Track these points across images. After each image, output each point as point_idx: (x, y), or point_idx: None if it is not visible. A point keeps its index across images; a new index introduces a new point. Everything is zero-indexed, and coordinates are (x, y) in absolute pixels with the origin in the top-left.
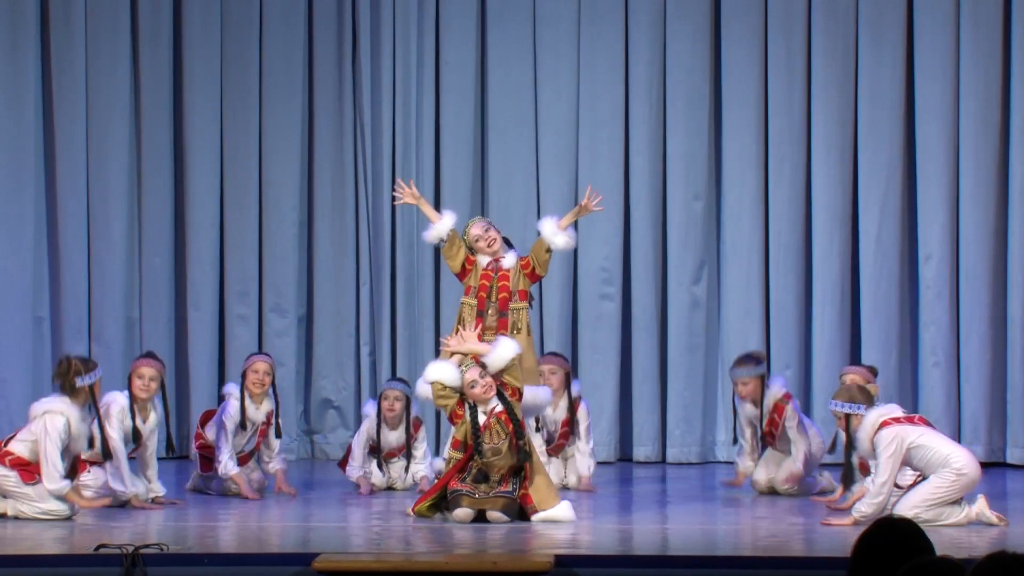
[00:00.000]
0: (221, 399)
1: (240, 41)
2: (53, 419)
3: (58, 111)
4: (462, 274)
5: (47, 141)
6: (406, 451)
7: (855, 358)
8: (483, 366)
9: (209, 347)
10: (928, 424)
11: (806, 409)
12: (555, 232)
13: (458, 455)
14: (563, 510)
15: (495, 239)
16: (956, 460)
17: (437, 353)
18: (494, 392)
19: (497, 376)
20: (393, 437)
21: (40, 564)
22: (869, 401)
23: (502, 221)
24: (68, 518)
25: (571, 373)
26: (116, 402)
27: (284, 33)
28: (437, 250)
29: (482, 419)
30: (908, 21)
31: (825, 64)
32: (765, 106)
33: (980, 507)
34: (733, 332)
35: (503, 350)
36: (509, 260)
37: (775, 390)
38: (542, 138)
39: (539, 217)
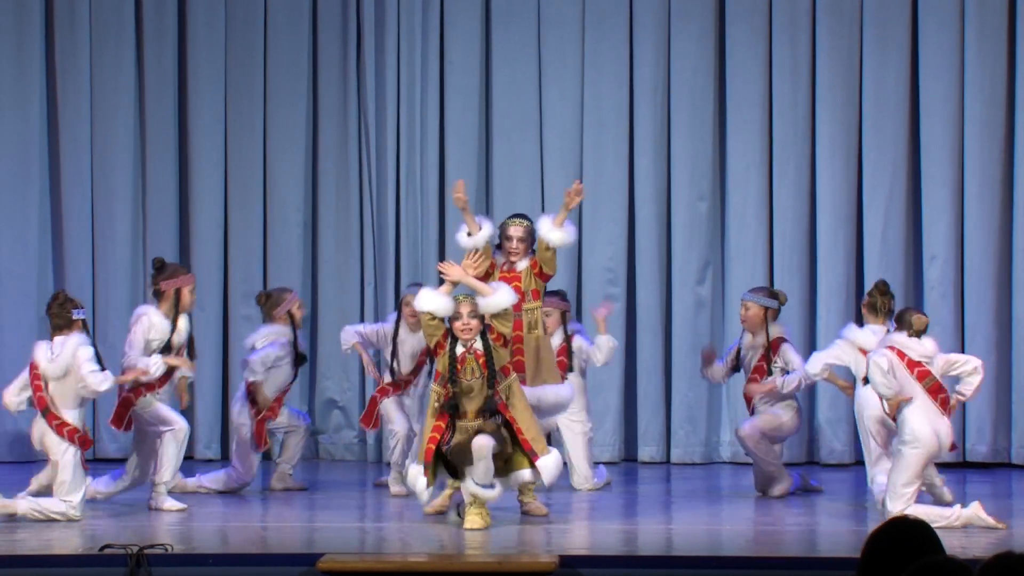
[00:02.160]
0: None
1: (244, 41)
2: (83, 350)
3: (62, 111)
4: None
5: (51, 141)
6: (427, 362)
7: None
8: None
9: (214, 348)
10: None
11: (811, 410)
12: (551, 229)
13: (439, 389)
14: (553, 458)
15: (519, 251)
16: (908, 432)
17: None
18: (475, 335)
19: (486, 319)
20: (412, 342)
21: (46, 564)
22: (907, 328)
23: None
24: (78, 520)
25: (569, 312)
26: (147, 314)
27: (288, 34)
28: (441, 250)
29: (459, 350)
30: (912, 22)
31: (829, 65)
32: (770, 107)
33: (975, 510)
34: (737, 332)
35: (500, 297)
36: (522, 263)
37: (777, 329)
38: (547, 139)
39: None
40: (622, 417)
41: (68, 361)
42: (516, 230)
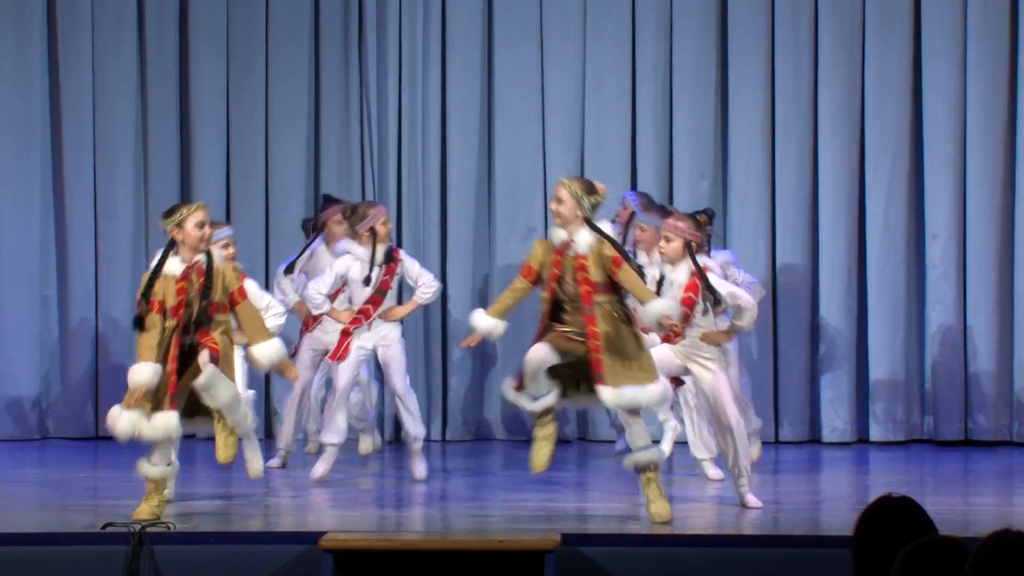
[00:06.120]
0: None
1: (246, 20)
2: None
3: (64, 90)
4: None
5: (54, 120)
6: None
7: (862, 337)
8: None
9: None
10: None
11: (814, 391)
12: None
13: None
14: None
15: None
16: None
17: (444, 328)
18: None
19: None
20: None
21: (48, 542)
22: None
23: (508, 201)
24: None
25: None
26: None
27: (290, 12)
28: (443, 227)
29: (179, 267)
30: (915, 1)
31: (832, 44)
32: (772, 86)
33: None
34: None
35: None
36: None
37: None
38: (548, 117)
39: (545, 197)
40: None
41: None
42: (558, 188)
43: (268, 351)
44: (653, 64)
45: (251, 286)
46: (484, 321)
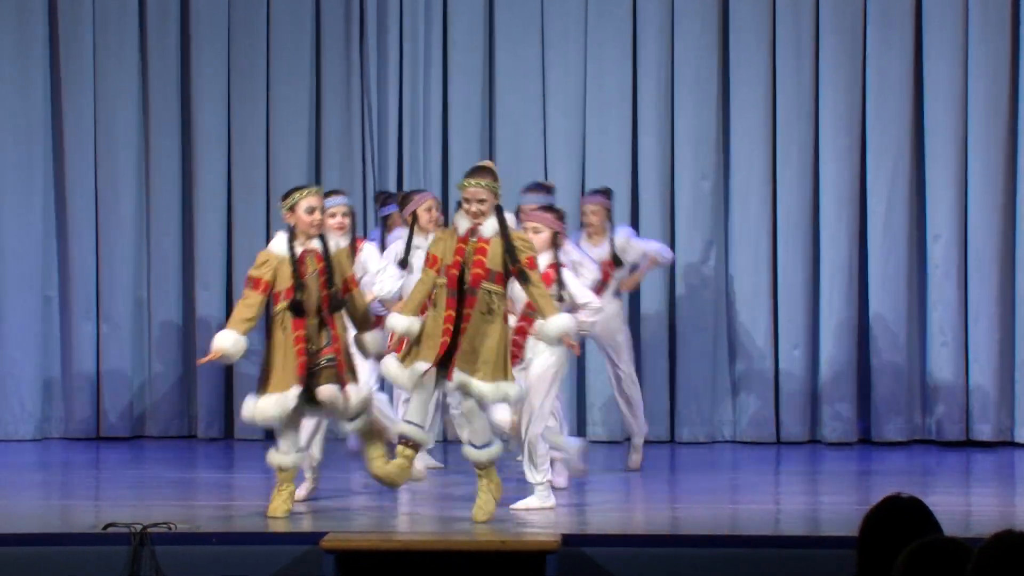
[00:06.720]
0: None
1: (247, 21)
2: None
3: (66, 91)
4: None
5: (55, 120)
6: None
7: (863, 337)
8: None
9: (217, 326)
10: None
11: (815, 391)
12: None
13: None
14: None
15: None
16: None
17: None
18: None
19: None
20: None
21: (48, 543)
22: None
23: (510, 202)
24: None
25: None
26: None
27: (291, 14)
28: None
29: (298, 250)
30: (916, 1)
31: (833, 44)
32: (773, 86)
33: None
34: (741, 312)
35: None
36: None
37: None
38: (550, 118)
39: None
40: None
41: None
42: (475, 191)
43: (377, 340)
44: (654, 65)
45: (368, 248)
46: (400, 321)
